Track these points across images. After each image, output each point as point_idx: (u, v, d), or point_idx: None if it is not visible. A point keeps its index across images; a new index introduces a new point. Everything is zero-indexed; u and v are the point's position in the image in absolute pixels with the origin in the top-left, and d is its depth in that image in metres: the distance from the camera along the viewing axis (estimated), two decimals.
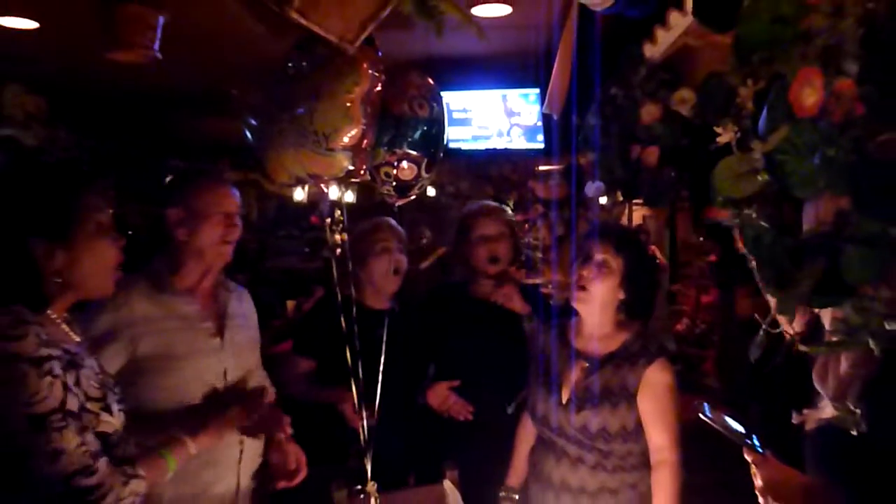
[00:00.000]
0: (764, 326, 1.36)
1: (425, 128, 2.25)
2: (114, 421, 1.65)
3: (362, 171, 2.24)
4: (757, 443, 1.57)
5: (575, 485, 2.29)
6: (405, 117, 2.21)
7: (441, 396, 2.77)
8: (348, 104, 2.06)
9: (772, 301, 1.38)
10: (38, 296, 1.59)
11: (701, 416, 1.67)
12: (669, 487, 2.21)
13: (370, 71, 2.10)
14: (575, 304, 2.37)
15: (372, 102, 2.13)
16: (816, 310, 1.41)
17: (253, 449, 2.29)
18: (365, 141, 2.15)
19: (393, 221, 2.99)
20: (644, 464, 2.29)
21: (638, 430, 2.27)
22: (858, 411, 1.41)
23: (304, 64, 2.15)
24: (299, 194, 7.68)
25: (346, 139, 2.08)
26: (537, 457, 2.45)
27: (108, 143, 6.00)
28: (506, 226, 2.99)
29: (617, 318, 2.37)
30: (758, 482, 1.54)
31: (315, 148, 2.08)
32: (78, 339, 1.70)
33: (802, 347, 1.33)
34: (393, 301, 2.97)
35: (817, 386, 1.47)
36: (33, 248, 1.57)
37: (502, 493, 2.51)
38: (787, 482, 1.51)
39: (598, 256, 2.31)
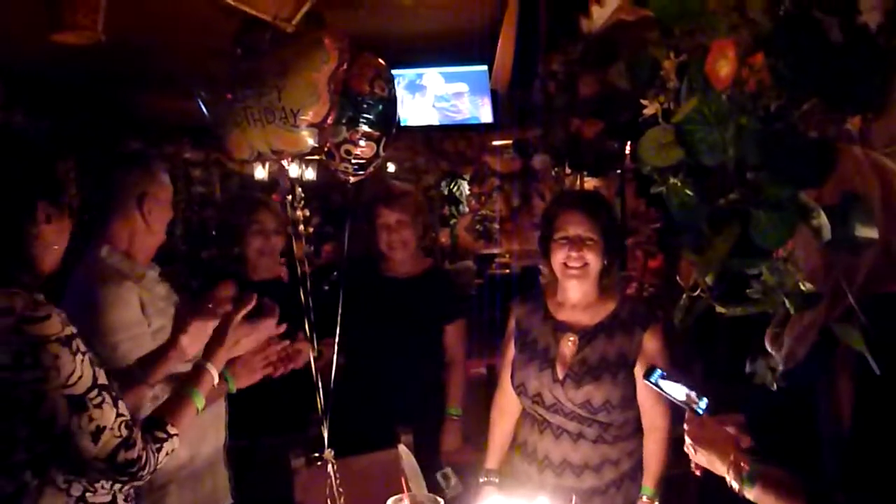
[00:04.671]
0: (686, 291, 1.42)
1: (383, 107, 2.29)
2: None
3: (325, 148, 2.27)
4: (703, 406, 1.62)
5: (577, 461, 2.28)
6: (365, 96, 2.24)
7: None
8: (316, 82, 2.10)
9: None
10: (34, 274, 1.54)
11: (645, 380, 1.72)
12: (662, 453, 2.25)
13: (337, 50, 2.13)
14: (568, 284, 2.32)
15: (336, 81, 2.16)
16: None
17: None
18: (329, 119, 2.19)
19: (273, 203, 3.14)
20: (638, 429, 2.31)
21: (635, 397, 2.27)
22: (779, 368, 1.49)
23: (268, 40, 2.18)
24: (260, 172, 7.75)
25: (312, 116, 2.11)
26: (528, 436, 2.40)
27: (67, 126, 5.94)
28: (407, 211, 3.02)
29: (600, 286, 2.33)
30: (687, 439, 1.60)
31: (282, 124, 2.12)
32: None
33: (720, 309, 1.39)
34: (279, 270, 3.16)
35: (769, 349, 1.54)
36: (38, 214, 1.54)
37: (483, 479, 2.46)
38: (715, 437, 1.57)
39: (584, 234, 2.26)
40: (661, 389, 1.69)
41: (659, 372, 1.71)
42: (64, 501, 1.52)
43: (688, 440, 1.59)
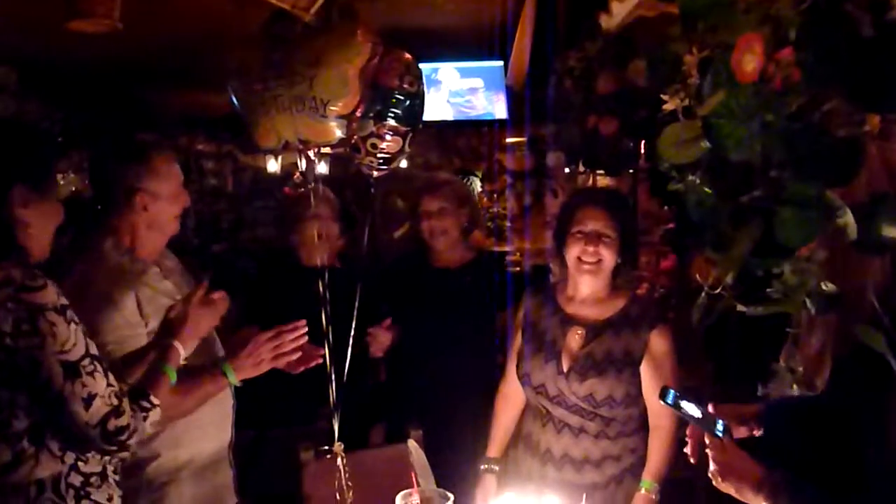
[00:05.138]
0: (705, 289, 1.40)
1: (411, 102, 2.30)
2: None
3: (353, 140, 2.28)
4: (720, 428, 1.57)
5: (578, 456, 2.29)
6: (394, 91, 2.25)
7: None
8: (349, 74, 2.10)
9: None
10: (20, 247, 1.59)
11: (661, 401, 1.67)
12: (665, 450, 2.25)
13: (370, 44, 2.14)
14: (581, 279, 2.34)
15: (366, 74, 2.16)
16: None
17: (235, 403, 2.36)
18: (358, 111, 2.19)
19: (329, 191, 3.08)
20: (643, 426, 2.32)
21: (639, 395, 2.28)
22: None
23: (299, 31, 2.18)
24: (272, 166, 7.80)
25: (341, 108, 2.11)
26: (531, 429, 2.43)
27: (80, 116, 5.96)
28: (449, 200, 3.04)
29: (612, 282, 2.35)
30: (711, 465, 1.54)
31: (311, 114, 2.12)
32: None
33: (741, 307, 1.37)
34: (333, 259, 3.07)
35: (783, 364, 1.51)
36: (13, 197, 1.57)
37: (483, 466, 2.48)
38: (737, 464, 1.51)
39: (601, 230, 2.27)
40: (680, 410, 1.64)
41: (673, 392, 1.66)
42: (59, 469, 1.59)
43: (712, 467, 1.53)
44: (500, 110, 5.63)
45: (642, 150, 3.15)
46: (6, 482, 1.54)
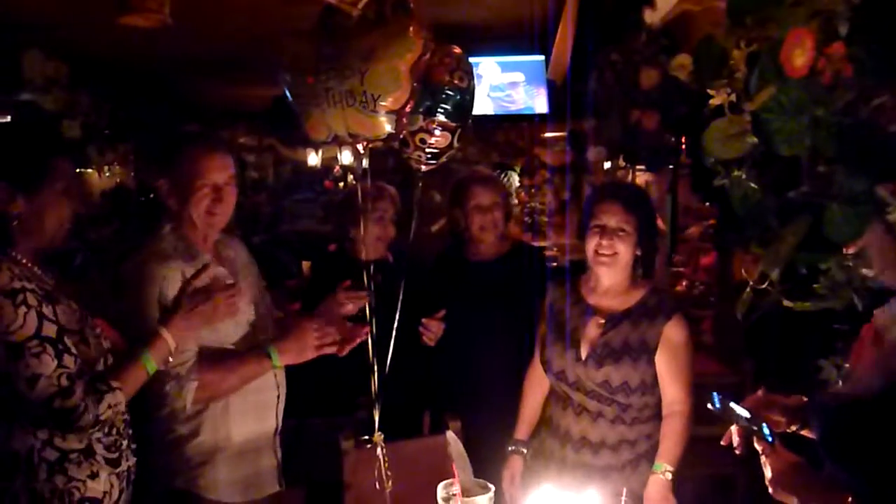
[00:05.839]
0: (751, 284, 1.40)
1: (461, 98, 2.31)
2: (90, 352, 1.76)
3: (402, 135, 2.29)
4: (767, 431, 1.52)
5: (595, 439, 2.36)
6: (445, 87, 2.26)
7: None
8: (400, 69, 2.11)
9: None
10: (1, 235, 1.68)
11: (710, 406, 1.62)
12: (679, 435, 2.28)
13: (422, 39, 2.15)
14: (599, 270, 2.38)
15: (417, 70, 2.18)
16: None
17: (283, 392, 2.37)
18: (407, 106, 2.20)
19: (392, 189, 3.08)
20: (659, 414, 2.35)
21: (655, 383, 2.33)
22: None
23: (353, 25, 2.20)
24: (313, 159, 7.90)
25: (391, 103, 2.14)
26: (553, 412, 2.50)
27: (127, 108, 6.08)
28: (498, 193, 3.07)
29: (633, 274, 2.40)
30: (767, 473, 1.49)
31: (361, 108, 2.14)
32: (51, 281, 1.78)
33: (787, 303, 1.37)
34: (386, 253, 3.08)
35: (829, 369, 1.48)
36: None
37: (511, 447, 2.53)
38: (794, 473, 1.46)
39: (615, 224, 2.32)
40: (731, 411, 1.58)
41: (718, 396, 1.60)
42: (31, 443, 1.66)
43: (769, 475, 1.49)
44: (540, 105, 5.61)
45: (683, 146, 3.14)
46: None
